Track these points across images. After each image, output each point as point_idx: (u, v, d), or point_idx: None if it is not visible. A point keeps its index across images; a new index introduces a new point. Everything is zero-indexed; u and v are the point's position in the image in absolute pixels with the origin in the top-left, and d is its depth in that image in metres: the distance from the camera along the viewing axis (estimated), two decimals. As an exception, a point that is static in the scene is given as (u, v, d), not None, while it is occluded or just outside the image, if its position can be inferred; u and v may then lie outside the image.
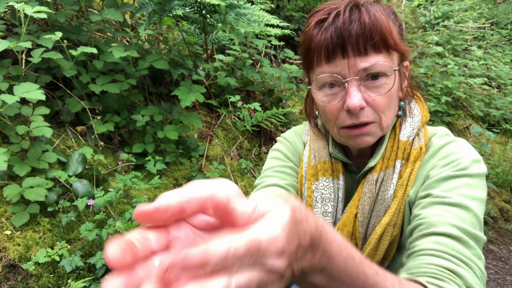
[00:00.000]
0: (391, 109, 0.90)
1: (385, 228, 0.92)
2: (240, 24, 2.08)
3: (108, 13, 1.95)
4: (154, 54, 2.09)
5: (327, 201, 1.01)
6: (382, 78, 0.86)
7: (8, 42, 1.53)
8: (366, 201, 0.94)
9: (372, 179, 0.94)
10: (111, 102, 1.99)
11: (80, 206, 1.54)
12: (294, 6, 3.81)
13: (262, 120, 2.48)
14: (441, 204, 0.83)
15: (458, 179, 0.85)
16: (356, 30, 0.83)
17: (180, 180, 2.06)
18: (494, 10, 6.61)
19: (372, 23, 0.84)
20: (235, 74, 2.71)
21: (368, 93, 0.86)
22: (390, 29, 0.86)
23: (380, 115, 0.89)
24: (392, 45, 0.86)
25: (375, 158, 0.94)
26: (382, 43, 0.85)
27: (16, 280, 1.40)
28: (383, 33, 0.84)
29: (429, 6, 5.31)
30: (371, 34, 0.83)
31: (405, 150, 0.94)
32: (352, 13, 0.85)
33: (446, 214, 0.81)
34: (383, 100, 0.87)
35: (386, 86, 0.86)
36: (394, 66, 0.87)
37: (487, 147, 3.46)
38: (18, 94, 1.51)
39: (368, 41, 0.83)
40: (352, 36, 0.83)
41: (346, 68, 0.85)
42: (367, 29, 0.83)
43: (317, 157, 1.04)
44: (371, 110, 0.88)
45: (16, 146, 1.63)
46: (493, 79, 4.90)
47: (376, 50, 0.84)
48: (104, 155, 1.95)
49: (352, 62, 0.84)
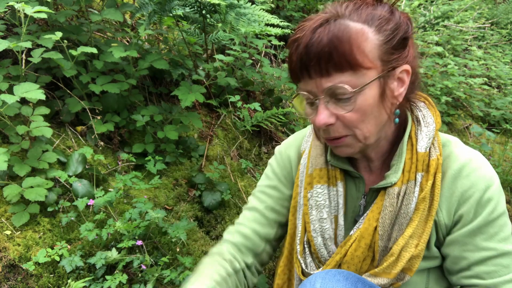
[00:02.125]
0: (367, 122, 0.89)
1: (407, 240, 0.93)
2: (240, 24, 2.08)
3: (108, 13, 1.95)
4: (154, 54, 2.09)
5: (321, 208, 1.02)
6: (349, 95, 0.85)
7: (8, 42, 1.53)
8: (387, 214, 0.94)
9: (393, 192, 0.93)
10: (111, 102, 1.99)
11: (80, 206, 1.54)
12: (294, 6, 3.80)
13: (262, 120, 2.48)
14: (488, 259, 0.92)
15: (496, 222, 0.92)
16: (314, 53, 0.83)
17: (180, 180, 2.06)
18: (494, 10, 6.61)
19: (331, 43, 0.82)
20: (235, 74, 2.70)
21: (337, 110, 0.87)
22: (358, 45, 0.82)
23: (353, 130, 0.90)
24: (354, 64, 0.83)
25: (396, 173, 0.94)
26: (345, 62, 0.83)
27: (16, 280, 1.40)
28: (342, 53, 0.82)
29: (429, 6, 5.31)
30: (329, 55, 0.82)
31: (424, 162, 0.94)
32: (315, 34, 0.84)
33: (496, 269, 0.91)
34: (353, 116, 0.87)
35: (354, 103, 0.86)
36: (364, 81, 0.85)
37: (487, 147, 3.46)
38: (18, 94, 1.51)
39: (328, 62, 0.83)
40: (312, 59, 0.84)
41: (315, 87, 0.87)
42: (325, 50, 0.82)
43: (314, 164, 1.06)
44: (342, 125, 0.89)
45: (16, 146, 1.63)
46: (493, 79, 4.90)
47: (338, 70, 0.84)
48: (104, 155, 1.95)
49: (318, 82, 0.86)
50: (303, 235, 1.07)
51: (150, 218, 1.58)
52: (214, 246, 1.21)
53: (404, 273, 0.95)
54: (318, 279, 0.89)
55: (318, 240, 1.02)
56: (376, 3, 0.91)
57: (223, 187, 2.05)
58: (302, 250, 1.07)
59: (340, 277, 0.88)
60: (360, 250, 0.96)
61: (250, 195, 1.22)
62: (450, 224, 0.95)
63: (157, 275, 1.51)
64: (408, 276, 0.95)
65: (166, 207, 1.90)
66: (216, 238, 1.97)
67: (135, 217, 1.58)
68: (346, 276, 0.89)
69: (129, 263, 1.53)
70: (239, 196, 2.16)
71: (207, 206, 1.98)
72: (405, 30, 0.89)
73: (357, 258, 0.97)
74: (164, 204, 1.90)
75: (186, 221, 1.68)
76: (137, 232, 1.56)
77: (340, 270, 0.91)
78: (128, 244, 1.48)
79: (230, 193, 2.05)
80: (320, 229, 1.02)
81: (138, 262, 1.49)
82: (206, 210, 2.01)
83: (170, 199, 1.94)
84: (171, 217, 1.86)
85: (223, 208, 2.06)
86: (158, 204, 1.87)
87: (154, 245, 1.68)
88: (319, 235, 1.02)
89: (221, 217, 2.04)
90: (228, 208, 2.07)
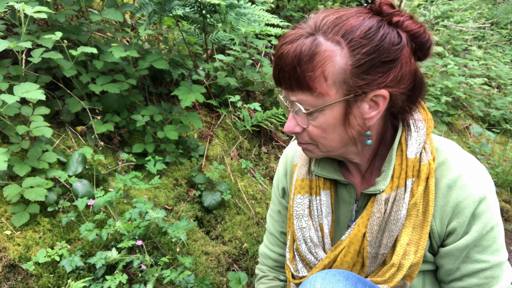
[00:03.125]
0: (329, 138, 0.91)
1: (405, 248, 0.93)
2: (240, 24, 2.08)
3: (108, 13, 1.95)
4: (154, 54, 2.09)
5: (300, 217, 1.06)
6: (313, 112, 0.87)
7: (8, 42, 1.53)
8: (375, 221, 0.93)
9: (381, 199, 0.93)
10: (111, 102, 1.99)
11: (80, 206, 1.54)
12: (294, 6, 3.80)
13: (262, 120, 2.48)
14: (480, 272, 0.94)
15: (489, 235, 0.93)
16: (282, 67, 0.86)
17: (180, 180, 2.06)
18: (494, 10, 6.60)
19: (294, 62, 0.84)
20: (235, 74, 2.70)
21: (302, 121, 0.91)
22: (320, 67, 0.81)
23: (316, 141, 0.93)
24: (310, 87, 0.84)
25: (384, 180, 0.93)
26: (304, 83, 0.84)
27: (16, 280, 1.40)
28: (302, 73, 0.83)
29: (429, 6, 5.31)
30: (292, 72, 0.84)
31: (414, 168, 0.92)
32: (285, 47, 0.85)
33: (486, 281, 0.94)
34: (315, 130, 0.90)
35: (316, 119, 0.89)
36: (324, 103, 0.85)
37: (487, 147, 3.46)
38: (18, 94, 1.51)
39: (291, 79, 0.85)
40: (280, 72, 0.87)
41: (287, 96, 0.91)
42: (289, 67, 0.84)
43: (297, 175, 1.10)
44: (307, 136, 0.93)
45: (16, 146, 1.63)
46: (493, 79, 4.90)
47: (299, 88, 0.86)
48: (104, 155, 1.95)
49: (286, 93, 0.90)
50: (292, 243, 1.12)
51: (150, 218, 1.58)
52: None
53: (404, 280, 0.95)
54: (318, 279, 0.89)
55: (302, 247, 1.06)
56: (370, 14, 0.85)
57: (223, 187, 2.05)
58: (292, 257, 1.12)
59: (340, 277, 0.88)
60: (349, 255, 0.96)
61: (269, 210, 1.33)
62: (442, 234, 0.94)
63: (157, 275, 1.51)
64: (409, 283, 0.95)
65: (166, 207, 1.90)
66: (216, 238, 1.97)
67: (135, 217, 1.58)
68: (346, 276, 0.89)
69: (129, 263, 1.53)
70: (239, 196, 2.16)
71: (207, 206, 1.99)
72: (388, 53, 0.82)
73: (347, 264, 0.97)
74: (164, 204, 1.90)
75: (186, 221, 1.68)
76: (137, 232, 1.56)
77: (340, 270, 0.92)
78: (128, 244, 1.49)
79: (230, 193, 2.05)
80: (302, 237, 1.06)
81: (138, 262, 1.49)
82: (206, 210, 2.01)
83: (170, 199, 1.94)
84: (171, 217, 1.86)
85: (223, 208, 2.06)
86: (158, 204, 1.87)
87: (154, 245, 1.68)
88: (303, 242, 1.06)
89: (221, 217, 2.04)
90: (228, 208, 2.07)
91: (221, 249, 1.91)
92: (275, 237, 1.28)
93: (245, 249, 1.99)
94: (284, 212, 1.23)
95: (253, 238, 2.03)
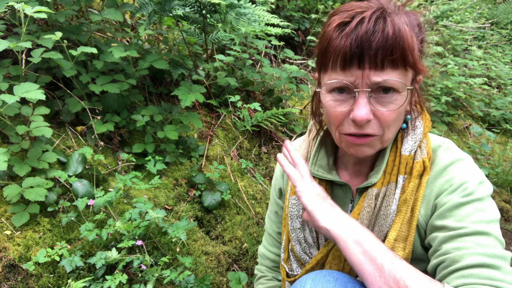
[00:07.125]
0: (396, 124, 0.89)
1: (393, 243, 0.92)
2: (240, 24, 2.08)
3: (108, 13, 1.95)
4: (154, 54, 2.09)
5: (295, 218, 1.07)
6: (394, 93, 0.84)
7: (8, 42, 1.53)
8: (365, 215, 0.94)
9: (371, 193, 0.94)
10: (111, 102, 1.99)
11: (80, 206, 1.54)
12: (294, 6, 3.80)
13: (262, 120, 2.48)
14: (458, 236, 0.83)
15: (469, 205, 0.85)
16: (377, 43, 0.79)
17: (180, 180, 2.06)
18: (494, 10, 6.60)
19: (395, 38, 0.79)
20: (235, 74, 2.70)
21: (377, 106, 0.84)
22: (413, 46, 0.81)
23: (384, 129, 0.87)
24: (411, 64, 0.82)
25: (377, 173, 0.94)
26: (401, 60, 0.81)
27: (16, 280, 1.40)
28: (404, 50, 0.80)
29: (429, 6, 5.30)
30: (392, 49, 0.79)
31: (407, 165, 0.93)
32: (377, 23, 0.80)
33: (466, 245, 0.81)
34: (391, 115, 0.85)
35: (396, 102, 0.84)
36: (407, 83, 0.84)
37: (487, 147, 3.46)
38: (18, 94, 1.51)
39: (387, 56, 0.80)
40: (372, 49, 0.79)
41: (361, 78, 0.82)
42: (389, 43, 0.79)
43: None
44: (377, 124, 0.86)
45: (16, 146, 1.63)
46: (493, 79, 4.90)
47: (393, 66, 0.81)
48: (104, 155, 1.95)
49: (367, 74, 0.81)
50: (287, 243, 1.12)
51: (150, 218, 1.58)
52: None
53: None
54: (308, 280, 0.89)
55: (297, 248, 1.07)
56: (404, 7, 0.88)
57: (223, 187, 2.05)
58: (286, 257, 1.13)
59: (330, 278, 0.88)
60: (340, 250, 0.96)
61: (266, 214, 1.35)
62: (428, 219, 0.92)
63: (157, 275, 1.51)
64: None
65: (166, 207, 1.90)
66: (216, 238, 1.97)
67: (135, 217, 1.58)
68: (336, 277, 0.89)
69: (129, 263, 1.53)
70: (239, 196, 2.16)
71: (207, 206, 1.99)
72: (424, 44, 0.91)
73: (338, 258, 0.99)
74: (164, 204, 1.90)
75: (186, 221, 1.68)
76: (137, 232, 1.56)
77: (331, 271, 0.92)
78: (128, 244, 1.48)
79: (230, 193, 2.05)
80: (297, 238, 1.07)
81: (138, 262, 1.49)
82: (206, 210, 2.01)
83: (170, 199, 1.94)
84: (171, 217, 1.86)
85: (223, 208, 2.06)
86: (158, 204, 1.87)
87: (154, 245, 1.68)
88: (297, 243, 1.07)
89: (221, 217, 2.04)
90: (228, 208, 2.07)
91: (221, 249, 1.91)
92: (273, 237, 1.28)
93: (245, 249, 1.99)
94: (281, 212, 1.24)
95: (253, 238, 2.03)
